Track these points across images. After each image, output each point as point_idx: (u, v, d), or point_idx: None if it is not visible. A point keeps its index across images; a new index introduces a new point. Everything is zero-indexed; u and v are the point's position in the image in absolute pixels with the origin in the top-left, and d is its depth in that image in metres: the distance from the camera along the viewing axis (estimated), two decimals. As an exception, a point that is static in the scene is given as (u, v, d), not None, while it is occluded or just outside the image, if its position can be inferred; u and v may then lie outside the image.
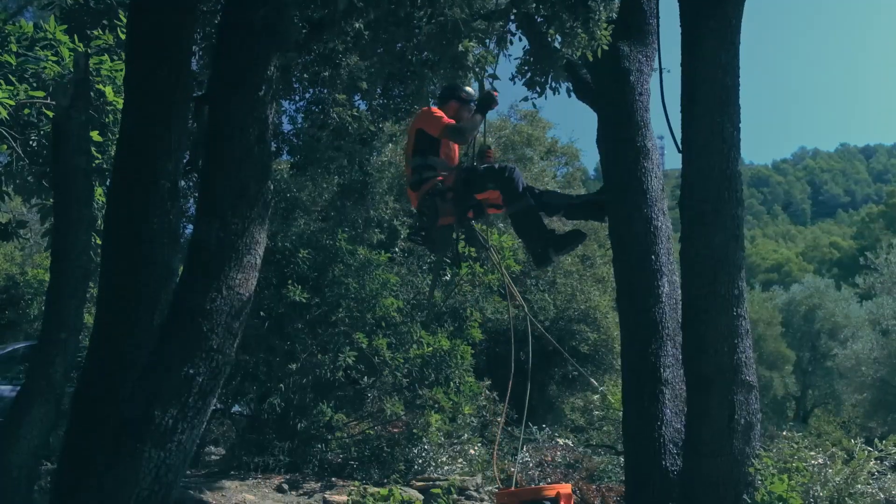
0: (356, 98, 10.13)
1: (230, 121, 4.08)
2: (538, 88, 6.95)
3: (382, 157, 13.88)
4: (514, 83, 7.21)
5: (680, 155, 5.60)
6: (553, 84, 6.82)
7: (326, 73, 8.22)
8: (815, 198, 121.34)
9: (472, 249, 11.63)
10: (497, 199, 6.17)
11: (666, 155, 42.38)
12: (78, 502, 3.68)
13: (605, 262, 18.75)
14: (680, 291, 5.81)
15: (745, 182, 6.05)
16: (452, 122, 6.25)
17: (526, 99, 7.18)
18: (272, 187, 4.75)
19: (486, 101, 6.34)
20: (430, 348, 10.31)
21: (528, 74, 6.91)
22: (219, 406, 10.45)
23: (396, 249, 12.70)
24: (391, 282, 10.59)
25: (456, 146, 6.41)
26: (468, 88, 6.89)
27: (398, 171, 15.21)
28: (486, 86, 6.55)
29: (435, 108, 6.41)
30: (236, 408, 11.14)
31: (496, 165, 6.10)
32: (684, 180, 5.42)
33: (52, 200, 6.11)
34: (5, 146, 6.68)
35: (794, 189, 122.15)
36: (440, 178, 6.21)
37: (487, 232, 9.14)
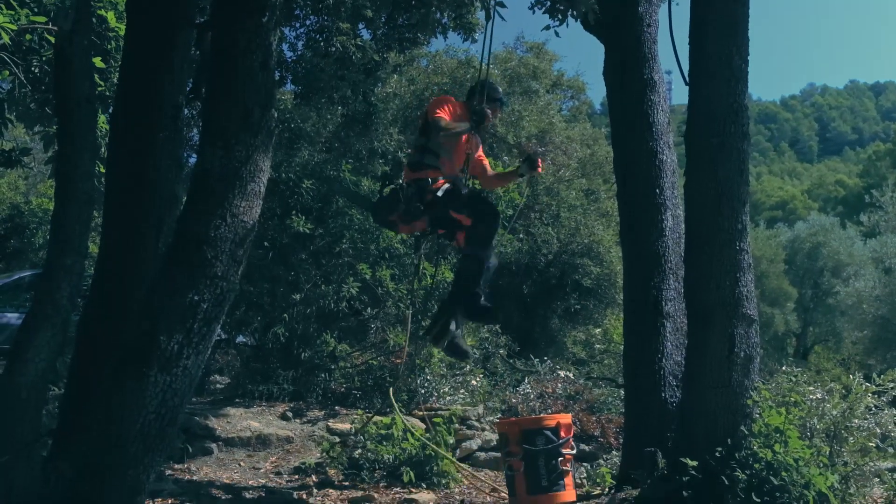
0: (360, 27, 10.03)
1: (233, 47, 4.04)
2: (559, 16, 6.86)
3: (387, 88, 13.78)
4: (534, 12, 7.11)
5: (687, 89, 5.55)
6: (573, 13, 6.72)
7: (330, 0, 8.12)
8: (822, 135, 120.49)
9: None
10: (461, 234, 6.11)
11: (673, 90, 42.04)
12: (85, 425, 3.73)
13: (610, 197, 18.71)
14: (683, 226, 5.81)
15: (753, 119, 6.00)
16: (444, 117, 6.10)
17: (547, 28, 7.08)
18: (276, 116, 4.73)
19: (479, 115, 6.18)
20: (433, 280, 10.35)
21: (549, 2, 6.83)
22: (223, 336, 10.55)
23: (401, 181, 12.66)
24: (395, 213, 10.57)
25: (459, 156, 6.29)
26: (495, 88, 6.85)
27: (403, 102, 15.12)
28: (490, 20, 6.44)
29: (448, 99, 6.31)
30: (241, 338, 11.24)
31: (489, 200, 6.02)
32: (690, 113, 5.38)
33: (55, 128, 6.10)
34: (7, 72, 6.64)
35: (801, 126, 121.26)
36: (433, 175, 6.09)
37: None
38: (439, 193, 5.97)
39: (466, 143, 6.25)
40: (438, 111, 6.10)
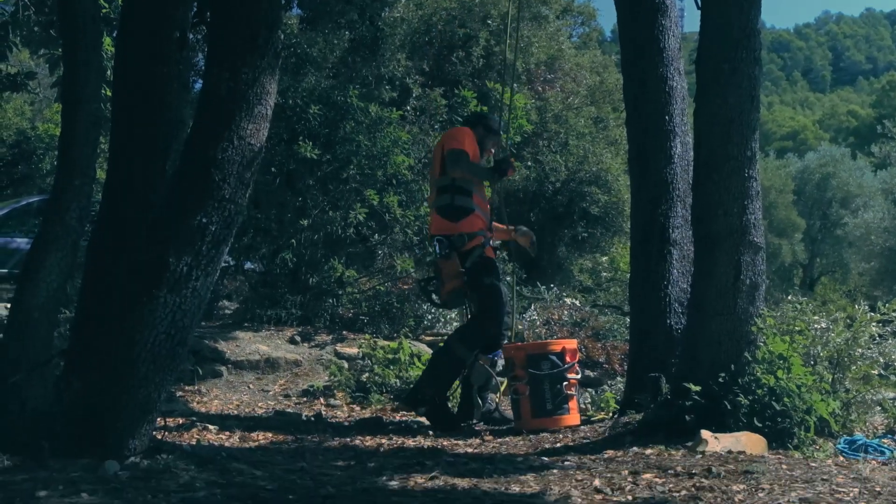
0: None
1: (239, -33, 3.98)
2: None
3: (395, 13, 13.59)
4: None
5: (699, 14, 5.46)
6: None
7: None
8: (836, 64, 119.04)
9: (485, 108, 11.54)
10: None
11: (686, 17, 41.41)
12: (97, 345, 3.78)
13: (619, 125, 18.58)
14: (692, 153, 5.78)
15: (766, 47, 5.91)
16: (468, 152, 6.17)
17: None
18: (282, 39, 4.69)
19: (502, 168, 6.38)
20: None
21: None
22: (231, 262, 10.61)
23: (408, 108, 12.58)
24: (402, 139, 10.55)
25: (481, 186, 6.43)
26: (496, 117, 6.83)
27: (411, 27, 14.93)
28: None
29: (468, 132, 6.35)
30: (249, 264, 11.30)
31: (487, 294, 6.13)
32: (701, 37, 5.30)
33: (60, 50, 6.06)
34: (11, -7, 6.58)
35: (814, 55, 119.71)
36: (484, 239, 6.23)
37: (501, 91, 9.05)
38: (467, 264, 6.13)
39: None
40: (463, 146, 6.15)
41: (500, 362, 6.47)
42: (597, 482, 3.79)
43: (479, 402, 6.25)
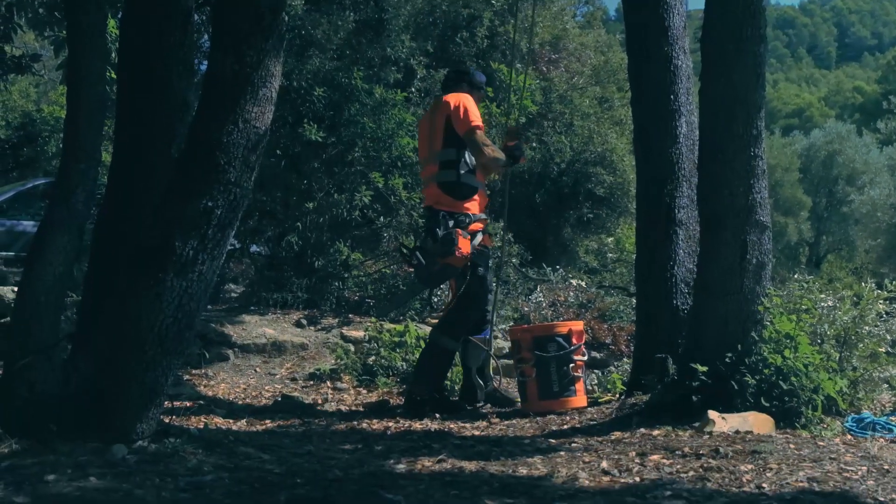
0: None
1: (242, -50, 3.96)
2: None
3: (399, -6, 13.55)
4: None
5: (704, -9, 5.43)
6: None
7: None
8: (841, 40, 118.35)
9: (490, 89, 11.50)
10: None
11: (690, -5, 41.24)
12: (104, 329, 3.79)
13: (624, 105, 18.52)
14: (698, 133, 5.75)
15: (771, 24, 5.87)
16: (482, 126, 6.03)
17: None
18: (286, 20, 4.67)
19: (515, 155, 6.26)
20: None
21: None
22: (237, 245, 10.62)
23: (413, 89, 12.55)
24: (407, 121, 10.52)
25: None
26: (480, 73, 6.63)
27: (415, 8, 14.88)
28: None
29: (469, 99, 6.12)
30: (254, 247, 11.31)
31: (477, 282, 5.99)
32: (706, 15, 5.27)
33: (64, 32, 6.04)
34: (15, -24, 6.56)
35: (820, 31, 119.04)
36: (473, 206, 6.10)
37: (510, 73, 9.01)
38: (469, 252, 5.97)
39: None
40: (476, 122, 5.98)
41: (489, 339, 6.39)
42: (604, 464, 3.80)
43: (481, 383, 6.22)
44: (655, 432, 4.61)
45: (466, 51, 15.80)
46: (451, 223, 5.92)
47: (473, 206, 6.07)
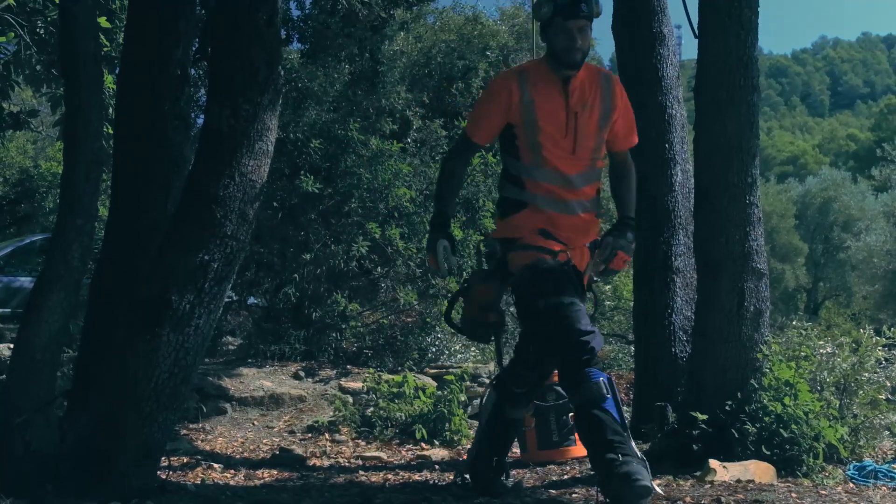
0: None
1: (239, 5, 4.01)
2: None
3: (394, 46, 13.67)
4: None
5: (696, 42, 5.49)
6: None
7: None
8: (833, 89, 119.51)
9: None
10: None
11: (683, 45, 41.71)
12: (100, 384, 3.77)
13: (619, 153, 18.59)
14: (693, 181, 5.79)
15: (763, 73, 5.94)
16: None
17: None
18: (283, 74, 4.71)
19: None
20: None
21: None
22: (234, 298, 10.60)
23: (409, 140, 12.62)
24: (403, 172, 10.56)
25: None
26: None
27: (410, 60, 15.00)
28: None
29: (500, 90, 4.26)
30: (252, 299, 11.28)
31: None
32: (699, 66, 5.33)
33: (62, 89, 6.10)
34: (13, 34, 6.63)
35: (812, 80, 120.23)
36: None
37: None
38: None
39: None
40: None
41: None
42: (605, 514, 3.75)
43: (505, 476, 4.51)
44: (656, 482, 4.56)
45: (462, 101, 15.91)
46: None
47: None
